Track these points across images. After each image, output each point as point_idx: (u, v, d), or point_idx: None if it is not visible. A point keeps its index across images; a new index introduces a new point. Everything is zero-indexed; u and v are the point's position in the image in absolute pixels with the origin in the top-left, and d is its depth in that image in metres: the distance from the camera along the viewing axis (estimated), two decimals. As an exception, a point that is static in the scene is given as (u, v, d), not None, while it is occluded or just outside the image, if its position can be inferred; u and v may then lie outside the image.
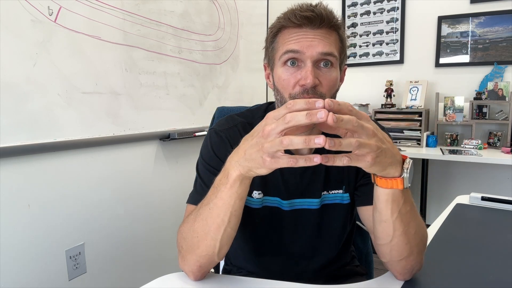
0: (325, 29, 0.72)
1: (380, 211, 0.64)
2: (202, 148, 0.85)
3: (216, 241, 0.66)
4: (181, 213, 0.79)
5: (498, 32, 2.62)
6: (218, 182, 0.65)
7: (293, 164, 0.52)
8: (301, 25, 0.71)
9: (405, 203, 0.63)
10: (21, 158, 1.31)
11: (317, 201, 0.83)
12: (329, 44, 0.71)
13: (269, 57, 0.79)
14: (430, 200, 2.92)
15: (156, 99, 1.83)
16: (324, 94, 0.72)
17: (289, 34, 0.73)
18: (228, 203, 0.63)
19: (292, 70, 0.72)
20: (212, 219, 0.65)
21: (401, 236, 0.64)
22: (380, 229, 0.66)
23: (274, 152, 0.53)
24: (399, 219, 0.63)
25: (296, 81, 0.72)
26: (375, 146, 0.52)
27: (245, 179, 0.62)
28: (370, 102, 3.04)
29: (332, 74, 0.73)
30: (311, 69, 0.70)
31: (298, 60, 0.72)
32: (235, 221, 0.66)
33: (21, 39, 1.28)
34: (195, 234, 0.68)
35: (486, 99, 2.58)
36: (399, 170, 0.59)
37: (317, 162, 0.50)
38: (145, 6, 1.73)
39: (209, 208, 0.65)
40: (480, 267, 0.77)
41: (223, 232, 0.65)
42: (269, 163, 0.54)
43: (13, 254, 1.30)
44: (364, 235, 1.10)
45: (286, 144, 0.51)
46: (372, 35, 3.08)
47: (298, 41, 0.71)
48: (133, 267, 1.76)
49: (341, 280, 0.92)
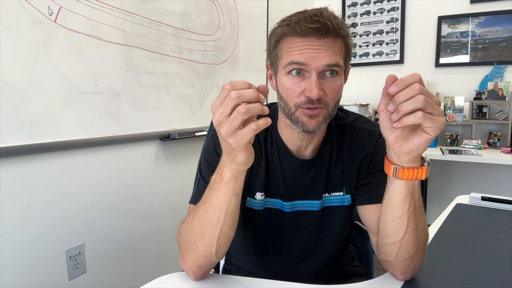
0: (331, 38, 0.69)
1: (397, 207, 0.63)
2: (204, 149, 0.85)
3: (213, 240, 0.66)
4: (181, 213, 0.79)
5: (498, 32, 2.62)
6: (213, 181, 0.66)
7: (254, 127, 0.54)
8: (306, 35, 0.69)
9: (419, 196, 0.63)
10: (21, 158, 1.31)
11: (318, 202, 0.84)
12: (334, 55, 0.69)
13: (272, 62, 0.77)
14: (430, 200, 2.92)
15: (156, 99, 1.83)
16: (328, 102, 0.72)
17: (293, 43, 0.70)
18: (223, 201, 0.64)
19: (297, 80, 0.71)
20: (209, 217, 0.66)
21: (412, 232, 0.64)
22: (393, 226, 0.65)
23: (234, 131, 0.54)
24: (413, 214, 0.63)
25: (301, 91, 0.71)
26: (441, 124, 0.55)
27: (240, 174, 0.63)
28: (370, 102, 3.04)
29: (337, 83, 0.72)
30: (316, 81, 0.68)
31: (303, 70, 0.71)
32: (231, 220, 0.66)
33: (21, 39, 1.28)
34: (193, 233, 0.68)
35: (486, 99, 2.58)
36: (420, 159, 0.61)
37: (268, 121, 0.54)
38: (145, 6, 1.73)
39: (205, 207, 0.66)
40: (480, 267, 0.77)
41: (220, 231, 0.66)
42: (236, 143, 0.55)
43: (13, 254, 1.30)
44: (364, 235, 1.10)
45: (243, 112, 0.53)
46: (372, 35, 3.08)
47: (303, 52, 0.69)
48: (133, 267, 1.76)
49: (341, 281, 0.92)
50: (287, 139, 0.82)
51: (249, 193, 0.83)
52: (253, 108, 0.53)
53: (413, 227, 0.64)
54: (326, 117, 0.73)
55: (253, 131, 0.54)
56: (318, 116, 0.72)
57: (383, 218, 0.67)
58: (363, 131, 0.85)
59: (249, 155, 0.60)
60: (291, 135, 0.80)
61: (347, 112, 0.89)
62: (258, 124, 0.53)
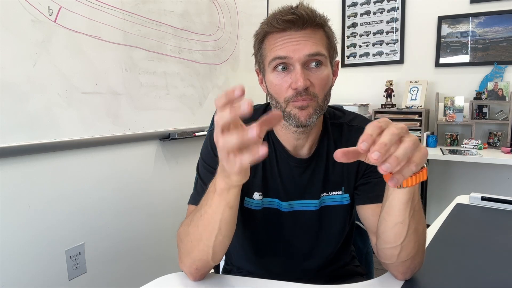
0: (309, 29, 0.72)
1: (398, 214, 0.61)
2: (203, 149, 0.85)
3: (209, 247, 0.66)
4: (181, 213, 0.79)
5: (498, 32, 2.62)
6: (209, 189, 0.65)
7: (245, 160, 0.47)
8: (284, 29, 0.71)
9: (418, 199, 0.62)
10: (21, 158, 1.31)
11: (316, 202, 0.84)
12: (315, 44, 0.71)
13: (259, 63, 0.79)
14: (430, 200, 2.92)
15: (156, 99, 1.83)
16: (317, 94, 0.72)
17: (274, 39, 0.73)
18: (217, 211, 0.63)
19: (283, 75, 0.72)
20: (204, 226, 0.65)
21: (412, 234, 0.63)
22: (393, 231, 0.64)
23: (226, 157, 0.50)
24: (413, 217, 0.62)
25: (288, 85, 0.72)
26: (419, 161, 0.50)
27: (232, 188, 0.61)
28: (370, 102, 3.03)
29: (323, 73, 0.73)
30: (300, 72, 0.70)
31: (287, 64, 0.72)
32: (227, 229, 0.66)
33: (21, 39, 1.28)
34: (189, 238, 0.69)
35: (486, 99, 2.58)
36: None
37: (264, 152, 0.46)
38: (145, 6, 1.73)
39: (200, 214, 0.66)
40: (480, 267, 0.77)
41: (215, 239, 0.65)
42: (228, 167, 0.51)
43: (13, 254, 1.30)
44: (364, 235, 1.10)
45: (222, 146, 0.48)
46: (372, 35, 3.07)
47: (284, 46, 0.71)
48: (133, 267, 1.76)
49: (341, 280, 0.92)
50: (283, 139, 0.82)
51: (247, 193, 0.83)
52: (230, 142, 0.47)
53: (413, 229, 0.63)
54: (316, 109, 0.73)
55: (238, 168, 0.49)
56: (309, 107, 0.72)
57: (383, 225, 0.65)
58: (360, 130, 0.84)
59: (243, 177, 0.56)
60: (287, 135, 0.81)
61: (344, 112, 0.89)
62: (245, 159, 0.48)
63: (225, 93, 0.47)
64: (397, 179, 0.51)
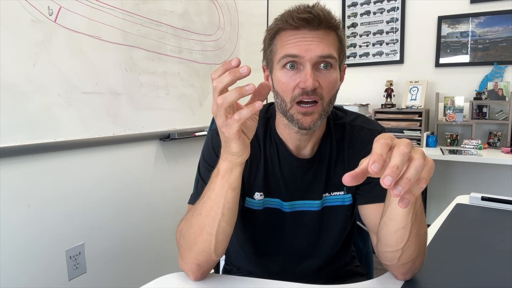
0: (323, 30, 0.71)
1: (399, 219, 0.60)
2: (204, 149, 0.85)
3: (212, 236, 0.66)
4: (181, 213, 0.79)
5: (498, 32, 2.62)
6: (212, 175, 0.67)
7: (237, 118, 0.54)
8: (298, 27, 0.71)
9: (420, 203, 0.61)
10: (21, 158, 1.31)
11: (318, 202, 0.83)
12: (327, 46, 0.71)
13: (268, 60, 0.79)
14: (430, 200, 2.92)
15: (156, 99, 1.83)
16: (323, 95, 0.72)
17: (287, 36, 0.72)
18: (220, 194, 0.64)
19: (292, 73, 0.72)
20: (207, 212, 0.66)
21: (414, 238, 0.63)
22: (395, 236, 0.63)
23: (224, 121, 0.55)
24: (415, 221, 0.61)
25: (296, 84, 0.71)
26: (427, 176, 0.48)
27: (235, 167, 0.63)
28: (370, 102, 3.03)
29: (332, 76, 0.73)
30: (310, 72, 0.69)
31: (297, 63, 0.72)
32: (229, 214, 0.66)
33: (21, 39, 1.28)
34: (192, 230, 0.68)
35: (486, 99, 2.58)
36: None
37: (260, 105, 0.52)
38: (145, 6, 1.73)
39: (203, 201, 0.67)
40: (480, 267, 0.77)
41: (218, 225, 0.66)
42: (227, 132, 0.56)
43: (13, 254, 1.30)
44: (364, 235, 1.10)
45: (220, 104, 0.53)
46: (372, 35, 3.07)
47: (297, 45, 0.70)
48: (133, 267, 1.76)
49: (341, 280, 0.92)
50: (286, 138, 0.82)
51: (248, 193, 0.83)
52: (228, 96, 0.52)
53: (415, 233, 0.63)
54: (321, 114, 0.73)
55: (236, 121, 0.54)
56: (314, 114, 0.72)
57: (385, 230, 0.65)
58: (363, 130, 0.85)
59: (243, 146, 0.60)
60: (289, 134, 0.80)
61: (346, 112, 0.89)
62: (240, 114, 0.53)
63: (222, 64, 0.52)
64: (407, 200, 0.47)
